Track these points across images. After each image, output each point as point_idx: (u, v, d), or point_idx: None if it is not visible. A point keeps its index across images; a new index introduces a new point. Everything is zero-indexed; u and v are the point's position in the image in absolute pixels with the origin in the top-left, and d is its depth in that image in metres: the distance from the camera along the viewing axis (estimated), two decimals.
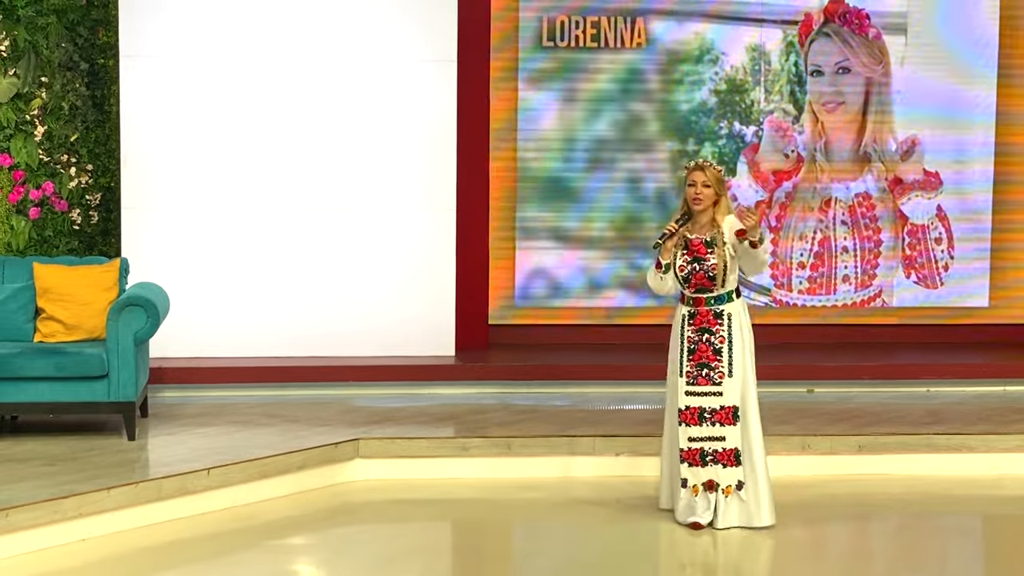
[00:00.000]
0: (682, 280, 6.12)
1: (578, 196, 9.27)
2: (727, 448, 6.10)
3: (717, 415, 6.09)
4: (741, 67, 9.28)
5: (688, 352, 6.12)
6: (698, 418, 6.10)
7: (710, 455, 6.10)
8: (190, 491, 6.35)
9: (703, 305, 6.11)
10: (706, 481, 6.12)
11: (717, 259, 6.05)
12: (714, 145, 9.29)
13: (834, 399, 8.40)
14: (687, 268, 6.09)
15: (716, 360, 6.09)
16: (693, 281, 6.09)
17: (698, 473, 6.12)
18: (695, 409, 6.11)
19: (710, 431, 6.09)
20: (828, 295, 9.45)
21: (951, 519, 6.76)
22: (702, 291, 6.11)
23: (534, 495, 6.88)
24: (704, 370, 6.10)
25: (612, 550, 6.03)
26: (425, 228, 8.75)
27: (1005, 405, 8.28)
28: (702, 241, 6.08)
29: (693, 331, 6.12)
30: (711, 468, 6.11)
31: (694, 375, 6.11)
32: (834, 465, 7.30)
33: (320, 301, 8.68)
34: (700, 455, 6.10)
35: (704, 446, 6.10)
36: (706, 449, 6.10)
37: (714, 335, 6.09)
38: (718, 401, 6.09)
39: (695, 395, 6.11)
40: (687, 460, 6.13)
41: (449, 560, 6.24)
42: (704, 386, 6.09)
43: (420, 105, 8.68)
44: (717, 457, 6.09)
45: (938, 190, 9.47)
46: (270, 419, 7.63)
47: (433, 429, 7.46)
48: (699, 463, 6.11)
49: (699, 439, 6.10)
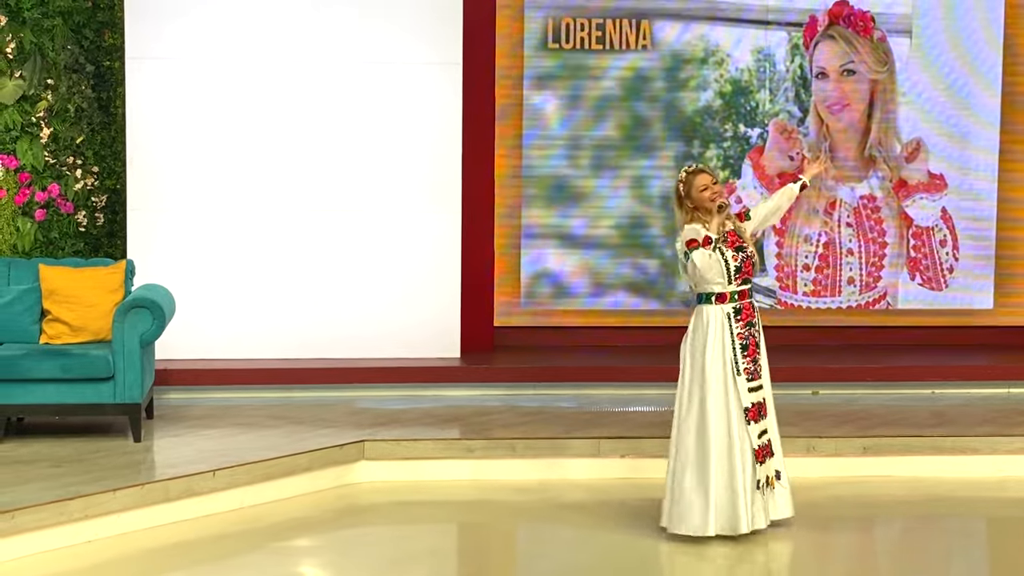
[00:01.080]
0: (734, 271, 6.00)
1: (583, 198, 9.28)
2: (771, 439, 6.14)
3: (763, 407, 6.08)
4: (746, 69, 9.28)
5: (743, 348, 6.01)
6: (758, 414, 6.05)
7: (767, 448, 6.10)
8: (196, 493, 6.36)
9: (747, 298, 6.07)
10: (774, 472, 6.13)
11: (749, 246, 6.09)
12: (719, 147, 9.30)
13: (839, 401, 8.40)
14: (739, 258, 6.02)
15: (758, 354, 6.08)
16: (743, 271, 6.04)
17: (768, 467, 6.09)
18: (758, 404, 6.05)
19: (765, 424, 6.08)
20: (833, 297, 9.44)
21: (956, 521, 6.75)
22: (747, 282, 6.08)
23: (539, 497, 6.89)
24: (755, 364, 6.06)
25: (616, 554, 6.03)
26: (431, 230, 8.75)
27: (1010, 407, 8.27)
28: (733, 232, 6.09)
29: (742, 326, 6.03)
30: (769, 461, 6.11)
31: (752, 371, 6.05)
32: (839, 467, 7.30)
33: (326, 303, 8.69)
34: (766, 451, 6.09)
35: (765, 440, 6.08)
36: (765, 443, 6.09)
37: (755, 328, 6.08)
38: (763, 394, 6.09)
39: (756, 391, 6.05)
40: (759, 458, 6.04)
41: (455, 563, 6.24)
42: (758, 380, 6.07)
43: (426, 107, 8.69)
44: (767, 449, 6.11)
45: (943, 192, 9.46)
46: (275, 421, 7.64)
47: (438, 431, 7.47)
48: (765, 459, 6.06)
49: (763, 433, 6.06)
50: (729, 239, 6.05)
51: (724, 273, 6.01)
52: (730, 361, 6.01)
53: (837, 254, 9.43)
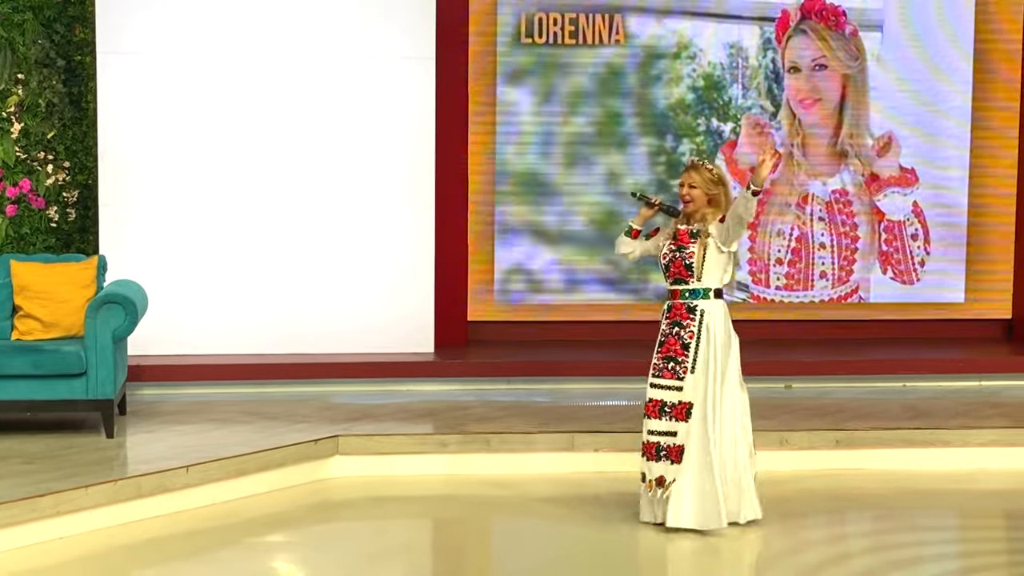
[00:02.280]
0: (663, 268, 6.14)
1: (557, 193, 9.29)
2: (676, 444, 6.08)
3: (675, 410, 6.06)
4: (719, 64, 9.31)
5: (658, 344, 6.12)
6: (659, 411, 6.10)
7: (664, 450, 6.09)
8: (169, 489, 6.34)
9: (678, 298, 6.11)
10: (657, 477, 6.09)
11: (697, 248, 6.05)
12: (692, 141, 9.32)
13: (812, 394, 8.44)
14: (668, 256, 6.10)
15: (683, 355, 6.06)
16: (672, 270, 6.09)
17: (652, 468, 6.11)
18: (657, 402, 6.10)
19: (667, 425, 6.07)
20: (806, 291, 9.48)
21: (927, 514, 6.79)
22: (679, 282, 6.10)
23: (513, 492, 6.89)
24: (670, 363, 6.08)
25: (591, 548, 6.04)
26: (404, 225, 8.75)
27: (981, 400, 8.33)
28: (688, 231, 6.10)
29: (667, 324, 6.12)
30: (663, 463, 6.08)
31: (660, 367, 6.11)
32: (812, 460, 7.33)
33: (299, 299, 8.67)
34: (656, 449, 6.10)
35: (660, 440, 6.09)
36: (661, 444, 6.08)
37: (684, 329, 6.07)
38: (677, 396, 6.06)
39: (659, 388, 6.10)
40: (646, 454, 6.13)
41: (430, 558, 6.24)
42: (668, 379, 6.08)
43: (398, 102, 8.68)
44: (668, 453, 6.08)
45: (914, 186, 9.51)
46: (249, 417, 7.62)
47: (412, 426, 7.47)
48: (655, 458, 6.10)
49: (657, 433, 6.09)
50: (677, 236, 6.11)
51: (661, 267, 6.19)
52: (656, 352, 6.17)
53: (809, 248, 9.47)
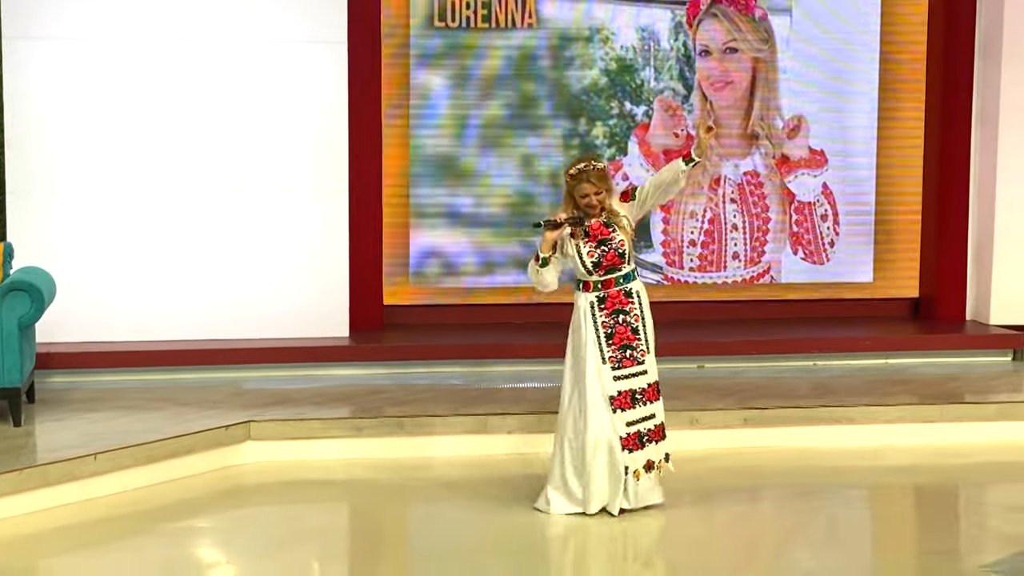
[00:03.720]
0: (592, 266, 6.07)
1: (471, 176, 9.31)
2: (657, 425, 6.15)
3: (646, 393, 6.10)
4: (631, 47, 9.37)
5: (607, 337, 6.06)
6: (631, 401, 6.08)
7: (646, 435, 6.11)
8: (77, 477, 6.30)
9: (613, 286, 6.08)
10: (645, 463, 6.13)
11: (622, 234, 6.07)
12: (605, 124, 9.37)
13: (724, 374, 8.55)
14: (596, 253, 6.06)
15: (636, 339, 6.08)
16: (604, 263, 6.07)
17: (637, 458, 6.10)
18: (627, 392, 6.08)
19: (643, 411, 6.09)
20: (719, 272, 9.59)
21: (833, 490, 6.91)
22: (612, 271, 6.08)
23: (427, 474, 6.93)
24: (627, 351, 6.07)
25: (500, 531, 6.08)
26: (318, 210, 8.73)
27: (886, 377, 8.48)
28: (601, 223, 6.09)
29: (606, 315, 6.08)
30: (648, 448, 6.13)
31: (618, 359, 6.08)
32: (722, 439, 7.44)
33: (212, 284, 8.63)
34: (639, 438, 6.10)
35: (641, 428, 6.10)
36: (642, 431, 6.10)
37: (628, 314, 6.08)
38: (645, 380, 6.11)
39: (624, 379, 6.08)
40: (628, 447, 6.08)
41: (342, 541, 6.26)
42: (631, 367, 6.08)
43: (311, 86, 8.65)
44: (651, 435, 6.13)
45: (823, 168, 9.65)
46: (161, 403, 7.58)
47: (327, 410, 7.47)
48: (639, 446, 6.10)
49: (636, 422, 6.09)
50: (591, 232, 6.07)
51: (582, 267, 6.10)
52: (593, 350, 6.07)
53: (722, 230, 9.57)
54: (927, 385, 8.27)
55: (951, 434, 7.64)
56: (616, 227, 6.09)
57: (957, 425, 7.67)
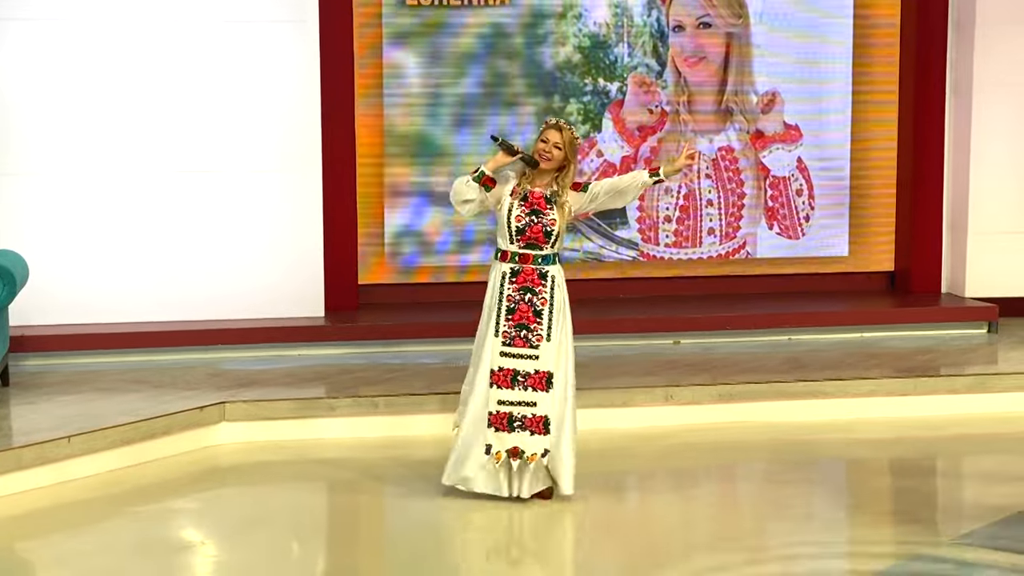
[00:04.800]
0: (516, 232, 5.93)
1: (445, 154, 9.28)
2: (537, 415, 5.94)
3: (531, 379, 5.92)
4: (604, 24, 9.34)
5: (507, 312, 5.93)
6: (511, 381, 5.94)
7: (518, 420, 5.94)
8: (51, 460, 6.28)
9: (529, 263, 5.95)
10: (511, 448, 5.94)
11: (557, 216, 5.92)
12: (579, 101, 9.36)
13: (700, 350, 8.56)
14: (524, 219, 5.91)
15: (536, 322, 5.93)
16: (527, 234, 5.92)
17: (504, 439, 5.93)
18: (508, 371, 5.94)
19: (521, 395, 5.92)
20: (694, 248, 9.59)
21: (809, 464, 6.94)
22: (532, 247, 5.95)
23: (400, 453, 6.93)
24: (523, 331, 5.93)
25: (478, 509, 6.06)
26: (291, 190, 8.70)
27: (860, 351, 8.51)
28: (543, 196, 5.95)
29: (515, 290, 5.95)
30: (517, 434, 5.93)
31: (511, 335, 5.94)
32: (696, 414, 7.46)
33: (186, 266, 8.59)
34: (508, 420, 5.94)
35: (513, 411, 5.93)
36: (515, 414, 5.93)
37: (536, 296, 5.93)
38: (533, 365, 5.93)
39: (510, 356, 5.93)
40: (494, 424, 5.94)
41: (317, 521, 6.26)
42: (521, 348, 5.93)
43: (283, 65, 8.61)
44: (526, 423, 5.94)
45: (798, 142, 9.65)
46: (136, 385, 7.56)
47: (301, 390, 7.46)
48: (506, 428, 5.93)
49: (509, 403, 5.93)
50: (530, 198, 5.93)
51: (505, 227, 5.96)
52: (491, 319, 5.97)
53: (697, 205, 9.57)
54: (902, 358, 8.30)
55: (926, 407, 7.67)
56: (555, 205, 5.93)
57: (932, 398, 7.71)
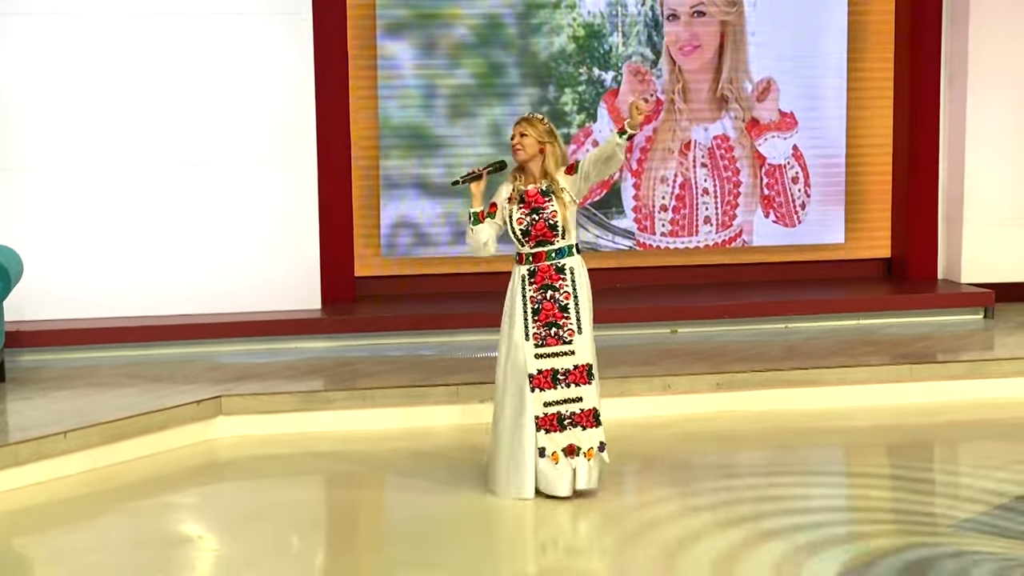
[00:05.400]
0: (521, 234, 5.88)
1: (441, 146, 9.26)
2: (585, 409, 5.88)
3: (571, 375, 5.86)
4: (598, 13, 9.32)
5: (533, 313, 5.86)
6: (552, 381, 5.86)
7: (568, 418, 5.87)
8: (46, 455, 6.27)
9: (544, 260, 5.87)
10: (566, 446, 5.88)
11: (558, 207, 5.84)
12: (574, 91, 9.34)
13: (698, 339, 8.55)
14: (526, 220, 5.85)
15: (563, 317, 5.86)
16: (533, 233, 5.86)
17: (556, 439, 5.87)
18: (548, 372, 5.86)
19: (565, 393, 5.85)
20: (691, 237, 9.58)
21: (807, 452, 6.94)
22: (543, 243, 5.88)
23: (398, 445, 6.92)
24: (552, 329, 5.87)
25: (477, 502, 6.06)
26: (287, 183, 8.68)
27: (858, 338, 8.50)
28: (538, 191, 5.89)
29: (535, 290, 5.87)
30: (570, 432, 5.88)
31: (543, 336, 5.86)
32: (694, 404, 7.45)
33: (183, 259, 8.58)
34: (558, 419, 5.87)
35: (561, 409, 5.86)
36: (563, 412, 5.87)
37: (558, 291, 5.87)
38: (571, 361, 5.86)
39: (546, 357, 5.87)
40: (544, 427, 5.87)
41: (315, 514, 6.24)
42: (555, 346, 5.86)
43: (276, 58, 8.59)
44: (576, 419, 5.88)
45: (794, 130, 9.63)
46: (133, 379, 7.56)
47: (298, 383, 7.45)
48: (557, 428, 5.86)
49: (555, 403, 5.85)
50: (527, 199, 5.88)
51: (512, 235, 5.93)
52: (519, 324, 5.89)
53: (693, 194, 9.56)
54: (898, 345, 8.29)
55: (923, 393, 7.68)
56: (554, 197, 5.86)
57: (929, 384, 7.71)
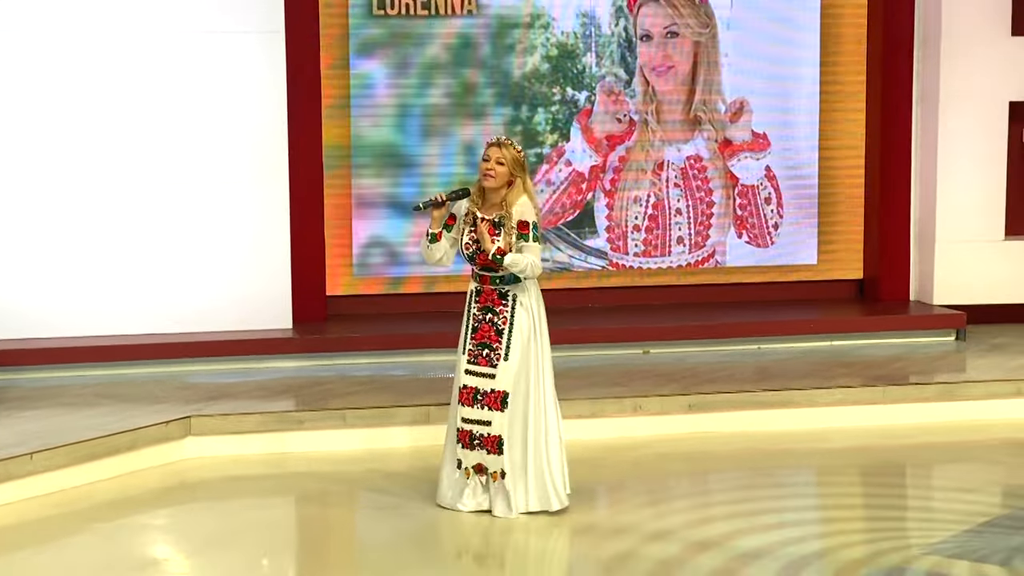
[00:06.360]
0: (468, 258, 6.02)
1: (413, 165, 9.24)
2: (492, 434, 5.97)
3: (487, 398, 5.96)
4: (572, 33, 9.33)
5: (472, 330, 6.01)
6: (472, 399, 5.99)
7: (477, 439, 5.99)
8: (13, 477, 6.21)
9: (488, 284, 5.99)
10: (475, 464, 6.01)
11: (502, 242, 5.89)
12: (547, 111, 9.34)
13: (670, 360, 8.54)
14: (472, 247, 5.97)
15: (497, 341, 5.96)
16: (479, 259, 5.98)
17: (468, 455, 6.02)
18: (471, 389, 5.99)
19: (479, 414, 5.97)
20: (663, 257, 9.58)
21: (779, 474, 6.94)
22: (487, 270, 5.98)
23: (368, 467, 6.88)
24: (484, 350, 5.98)
25: (449, 523, 6.04)
26: (258, 201, 8.64)
27: (831, 359, 8.51)
28: (491, 222, 5.95)
29: (478, 308, 6.02)
30: (478, 452, 6.00)
31: (475, 354, 6.00)
32: (666, 425, 7.43)
33: (153, 278, 8.52)
34: (470, 438, 6.00)
35: (473, 429, 5.99)
36: (474, 432, 5.99)
37: (497, 315, 5.97)
38: (490, 384, 5.96)
39: (473, 375, 5.99)
40: (461, 441, 6.02)
41: (285, 536, 6.20)
42: (483, 366, 5.98)
43: (248, 76, 8.56)
44: (483, 442, 5.98)
45: (767, 151, 9.66)
46: (102, 399, 7.49)
47: (269, 403, 7.40)
48: (469, 446, 6.00)
49: (470, 421, 5.99)
50: (478, 224, 5.92)
51: (460, 253, 6.05)
52: (463, 336, 6.05)
53: (666, 214, 9.56)
54: (871, 367, 8.31)
55: (895, 415, 7.69)
56: (503, 231, 5.92)
57: (901, 406, 7.71)
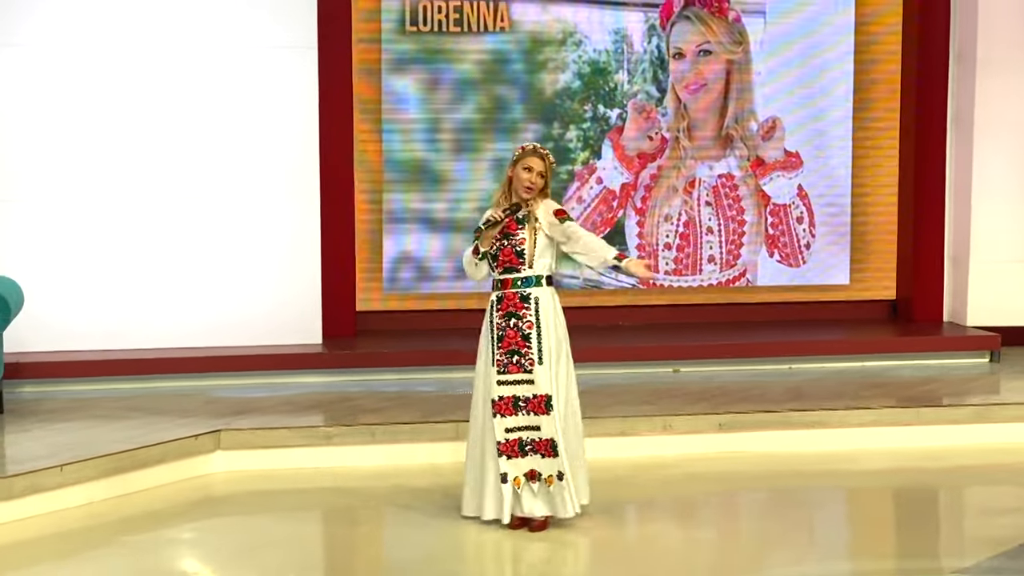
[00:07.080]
0: (491, 259, 5.95)
1: (444, 181, 9.25)
2: (543, 438, 5.90)
3: (530, 404, 5.90)
4: (604, 50, 9.32)
5: (497, 340, 5.94)
6: (513, 407, 5.92)
7: (528, 445, 5.91)
8: (41, 489, 6.21)
9: (509, 287, 5.92)
10: (528, 471, 5.92)
11: (527, 234, 5.90)
12: (579, 128, 9.33)
13: (699, 379, 8.50)
14: (496, 244, 5.92)
15: (525, 346, 5.91)
16: (501, 259, 5.93)
17: (519, 464, 5.92)
18: (509, 399, 5.92)
19: (526, 420, 5.91)
20: (694, 275, 9.55)
21: (809, 495, 6.87)
22: (509, 271, 5.94)
23: (397, 481, 6.86)
24: (514, 357, 5.92)
25: (476, 540, 6.01)
26: (290, 216, 8.67)
27: (861, 380, 8.44)
28: (515, 219, 5.94)
29: (500, 316, 5.94)
30: (531, 458, 5.91)
31: (504, 363, 5.93)
32: (696, 444, 7.38)
33: (184, 292, 8.56)
34: (519, 445, 5.92)
35: (522, 436, 5.90)
36: (524, 439, 5.90)
37: (521, 320, 5.91)
38: (531, 389, 5.90)
39: (507, 384, 5.92)
40: (505, 453, 5.92)
41: (312, 551, 6.18)
42: (516, 373, 5.91)
43: (281, 92, 8.59)
44: (535, 447, 5.91)
45: (799, 170, 9.61)
46: (133, 413, 7.51)
47: (297, 418, 7.40)
48: (518, 454, 5.92)
49: (516, 429, 5.92)
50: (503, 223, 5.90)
51: (485, 258, 5.99)
52: (487, 349, 6.00)
53: (697, 233, 9.53)
54: (903, 388, 8.24)
55: (928, 437, 7.60)
56: (526, 225, 5.92)
57: (933, 428, 7.63)
